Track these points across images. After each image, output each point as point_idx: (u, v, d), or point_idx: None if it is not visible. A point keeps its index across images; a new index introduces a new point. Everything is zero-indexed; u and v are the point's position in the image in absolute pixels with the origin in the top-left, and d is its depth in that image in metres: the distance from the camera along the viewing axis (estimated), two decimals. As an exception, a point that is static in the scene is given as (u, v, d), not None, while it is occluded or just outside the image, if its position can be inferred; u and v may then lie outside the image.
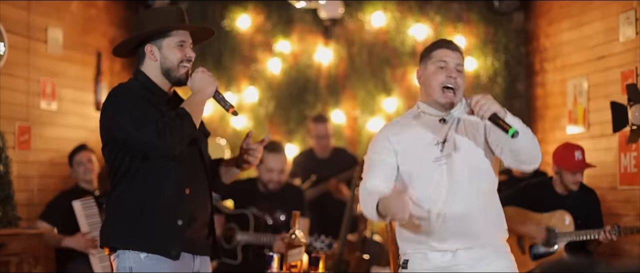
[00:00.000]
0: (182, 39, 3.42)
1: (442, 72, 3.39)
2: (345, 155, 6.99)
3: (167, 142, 3.20)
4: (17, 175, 5.55)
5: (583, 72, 6.20)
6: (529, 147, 3.28)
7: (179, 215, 3.31)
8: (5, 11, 5.58)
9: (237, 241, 5.69)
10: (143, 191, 3.32)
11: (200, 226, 3.41)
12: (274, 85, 7.54)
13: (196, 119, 3.30)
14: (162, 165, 3.31)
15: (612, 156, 5.72)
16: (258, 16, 7.53)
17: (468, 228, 3.35)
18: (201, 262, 3.43)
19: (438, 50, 3.42)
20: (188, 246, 3.34)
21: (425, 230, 3.37)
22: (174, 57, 3.39)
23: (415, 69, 7.34)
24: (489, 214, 3.40)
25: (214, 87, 3.37)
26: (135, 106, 3.28)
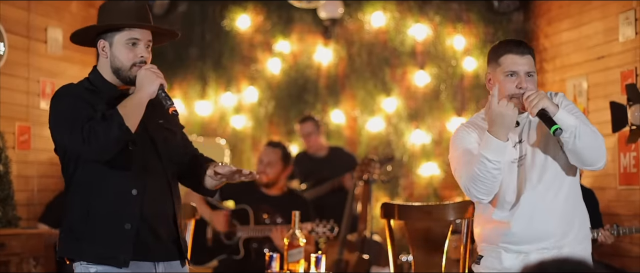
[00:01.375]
0: (135, 37, 3.19)
1: (512, 81, 3.27)
2: (342, 154, 7.00)
3: (92, 147, 3.02)
4: (16, 175, 5.56)
5: (582, 72, 6.20)
6: (588, 147, 3.16)
7: (126, 219, 3.12)
8: (5, 11, 5.59)
9: (238, 236, 5.70)
10: (87, 195, 3.16)
11: (158, 229, 3.19)
12: (274, 85, 7.54)
13: (132, 119, 3.06)
14: (105, 167, 3.12)
15: (611, 156, 5.72)
16: (258, 16, 7.53)
17: (543, 230, 3.29)
18: (165, 267, 3.22)
19: (506, 55, 3.29)
20: (144, 252, 3.15)
21: (500, 230, 3.33)
22: (123, 56, 3.19)
23: (414, 68, 7.46)
24: (566, 215, 3.32)
25: (156, 85, 3.11)
26: (67, 109, 3.11)
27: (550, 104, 3.14)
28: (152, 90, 3.11)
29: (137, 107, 3.09)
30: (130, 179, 3.15)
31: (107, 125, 3.03)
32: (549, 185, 3.30)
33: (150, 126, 3.22)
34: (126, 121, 3.04)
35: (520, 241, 3.32)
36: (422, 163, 7.43)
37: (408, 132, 7.46)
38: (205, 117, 7.55)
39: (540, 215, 3.29)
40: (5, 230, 5.21)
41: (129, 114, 3.06)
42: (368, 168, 6.48)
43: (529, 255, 3.31)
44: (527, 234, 3.31)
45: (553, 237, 3.30)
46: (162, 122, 3.27)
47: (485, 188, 3.24)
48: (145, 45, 3.21)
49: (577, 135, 3.14)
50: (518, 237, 3.31)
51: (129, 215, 3.14)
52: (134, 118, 3.07)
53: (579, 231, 3.36)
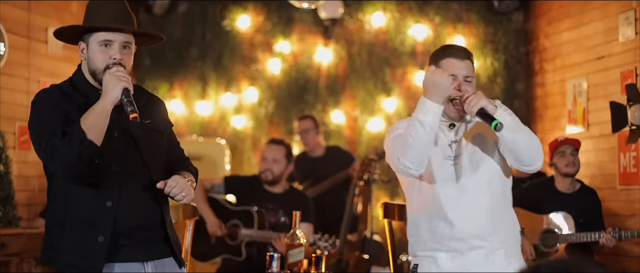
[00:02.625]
0: (107, 38, 3.09)
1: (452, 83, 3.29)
2: (340, 152, 7.00)
3: (56, 165, 2.99)
4: (17, 175, 5.56)
5: (582, 72, 6.20)
6: (526, 146, 3.22)
7: (99, 232, 3.06)
8: (6, 11, 5.59)
9: (241, 238, 5.70)
10: (63, 206, 3.12)
11: (138, 235, 3.14)
12: (274, 85, 7.54)
13: (95, 130, 2.95)
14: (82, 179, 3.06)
15: (611, 156, 5.72)
16: (258, 16, 7.54)
17: (477, 230, 3.32)
18: (156, 266, 3.20)
19: (446, 59, 3.33)
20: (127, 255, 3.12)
21: (434, 229, 3.35)
22: (96, 58, 3.09)
23: (415, 69, 7.47)
24: (499, 215, 3.36)
25: (118, 89, 2.99)
26: (38, 120, 3.07)
27: (488, 104, 3.18)
28: (114, 95, 2.99)
29: (99, 116, 2.99)
30: (104, 190, 3.09)
31: (68, 142, 2.95)
32: (482, 186, 3.33)
33: (135, 128, 3.16)
34: (89, 134, 2.95)
35: (452, 239, 3.32)
36: (422, 163, 7.42)
37: (408, 132, 7.45)
38: (206, 117, 7.55)
39: (471, 215, 3.31)
40: (5, 230, 5.21)
41: (92, 126, 2.96)
42: (368, 168, 6.48)
43: (464, 254, 3.32)
44: (459, 233, 3.32)
45: (487, 235, 3.32)
46: (148, 123, 3.20)
47: (416, 154, 3.23)
48: (120, 46, 3.11)
49: (513, 136, 3.18)
50: (450, 235, 3.32)
51: (103, 227, 3.08)
52: (97, 129, 2.97)
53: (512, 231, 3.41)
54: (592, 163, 5.98)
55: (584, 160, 5.97)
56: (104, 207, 3.09)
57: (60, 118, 3.03)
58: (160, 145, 3.26)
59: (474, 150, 3.35)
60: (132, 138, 3.16)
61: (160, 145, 3.26)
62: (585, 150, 6.09)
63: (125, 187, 3.12)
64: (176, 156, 3.36)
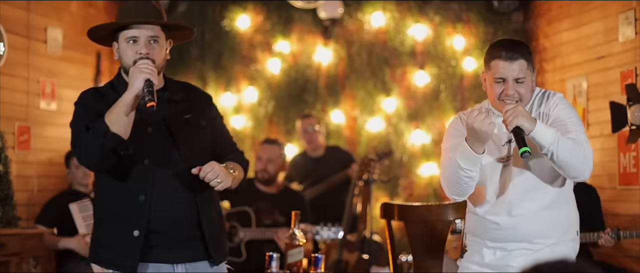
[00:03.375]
0: (133, 35, 3.15)
1: (500, 86, 3.25)
2: (340, 152, 7.00)
3: (85, 161, 3.06)
4: (16, 175, 5.55)
5: (582, 72, 6.20)
6: (568, 162, 3.11)
7: (134, 226, 3.11)
8: (5, 11, 5.58)
9: (240, 238, 5.69)
10: (103, 201, 3.20)
11: (172, 231, 3.16)
12: (274, 85, 7.54)
13: (118, 123, 3.00)
14: (116, 173, 3.12)
15: (611, 156, 5.72)
16: (257, 16, 7.53)
17: (522, 231, 3.28)
18: (187, 268, 3.20)
19: (495, 60, 3.25)
20: (159, 255, 3.14)
21: (482, 225, 3.34)
22: (126, 55, 3.17)
23: (414, 69, 7.48)
24: (548, 219, 3.30)
25: (139, 81, 3.01)
26: (76, 119, 3.15)
27: (526, 121, 3.09)
28: (135, 87, 3.03)
29: (122, 108, 3.02)
30: (138, 185, 3.13)
31: (92, 136, 3.01)
32: (533, 187, 3.29)
33: (172, 123, 3.19)
34: (112, 127, 2.99)
35: (500, 239, 3.31)
36: (422, 163, 7.44)
37: (408, 132, 7.46)
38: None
39: (521, 215, 3.28)
40: (5, 230, 5.21)
41: (115, 119, 3.01)
42: (368, 168, 6.48)
43: (510, 253, 3.31)
44: (507, 233, 3.30)
45: (533, 238, 3.29)
46: (188, 117, 3.22)
47: (457, 191, 3.26)
48: (147, 41, 3.15)
49: (554, 152, 3.10)
50: (497, 235, 3.31)
51: (137, 222, 3.12)
52: (120, 122, 3.01)
53: (563, 235, 3.35)
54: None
55: (584, 160, 5.98)
56: (137, 202, 3.12)
57: (91, 117, 3.10)
58: (200, 139, 3.25)
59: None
60: (170, 133, 3.18)
61: (200, 139, 3.25)
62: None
63: (159, 181, 3.14)
64: (223, 148, 3.34)
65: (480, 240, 3.37)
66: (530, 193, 3.29)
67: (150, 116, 3.12)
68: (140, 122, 3.10)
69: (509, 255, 3.31)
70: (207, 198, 3.24)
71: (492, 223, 3.32)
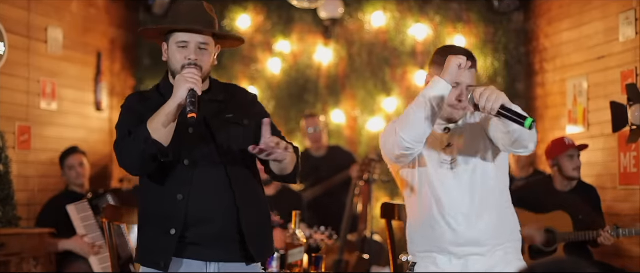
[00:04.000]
0: (183, 39, 3.15)
1: (453, 92, 3.24)
2: (341, 152, 7.00)
3: (125, 165, 3.09)
4: (17, 175, 5.55)
5: (583, 72, 6.20)
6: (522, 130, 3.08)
7: (171, 224, 3.13)
8: (6, 11, 5.58)
9: None
10: (144, 201, 3.24)
11: (211, 229, 3.14)
12: (274, 85, 7.54)
13: (160, 130, 3.02)
14: (157, 175, 3.15)
15: (611, 156, 5.72)
16: (258, 16, 7.53)
17: (478, 235, 3.29)
18: (220, 268, 3.18)
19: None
20: (193, 252, 3.15)
21: (434, 233, 3.32)
22: (174, 58, 3.17)
23: (415, 69, 7.47)
24: (499, 218, 3.33)
25: (184, 90, 3.02)
26: (121, 123, 3.17)
27: (506, 98, 3.04)
28: (179, 96, 3.03)
29: (165, 116, 3.03)
30: (175, 185, 3.14)
31: (133, 141, 3.04)
32: (481, 190, 3.29)
33: (213, 123, 3.19)
34: (153, 134, 3.01)
35: (451, 242, 3.29)
36: (422, 163, 7.43)
37: (408, 132, 7.46)
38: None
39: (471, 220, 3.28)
40: (5, 230, 5.21)
41: (157, 126, 3.03)
42: (368, 168, 6.48)
43: (466, 259, 3.29)
44: (458, 236, 3.28)
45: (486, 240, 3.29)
46: (230, 117, 3.22)
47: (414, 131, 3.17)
48: (196, 47, 3.15)
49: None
50: (448, 237, 3.29)
51: (175, 220, 3.13)
52: (162, 129, 3.03)
53: (511, 235, 3.36)
54: (592, 163, 5.98)
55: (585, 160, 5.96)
56: (175, 201, 3.14)
57: (135, 121, 3.11)
58: (241, 139, 3.23)
59: (469, 155, 3.31)
60: (210, 133, 3.18)
61: (241, 139, 3.23)
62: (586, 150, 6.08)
63: (198, 181, 3.15)
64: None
65: (429, 252, 3.34)
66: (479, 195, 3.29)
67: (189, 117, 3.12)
68: (181, 123, 3.10)
69: (466, 263, 3.29)
70: (248, 197, 3.22)
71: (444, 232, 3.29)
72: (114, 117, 7.09)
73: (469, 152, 3.31)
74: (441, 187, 3.31)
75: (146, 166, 3.07)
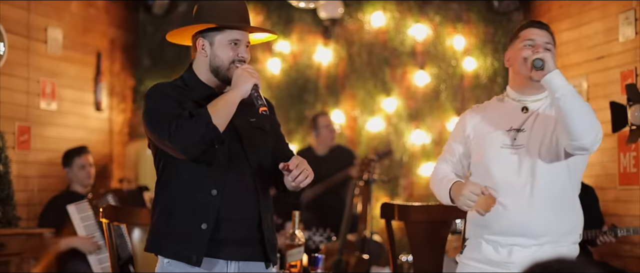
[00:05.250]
0: (236, 37, 3.21)
1: (528, 49, 3.25)
2: (343, 151, 7.00)
3: (178, 143, 3.07)
4: (16, 175, 5.55)
5: (582, 72, 6.20)
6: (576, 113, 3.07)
7: (203, 219, 3.14)
8: (5, 11, 5.58)
9: None
10: (171, 192, 3.21)
11: (236, 229, 3.18)
12: (274, 85, 7.54)
13: (221, 117, 3.09)
14: (189, 165, 3.16)
15: (611, 156, 5.72)
16: (258, 16, 7.53)
17: (528, 226, 3.21)
18: (240, 267, 3.21)
19: (525, 30, 3.30)
20: (217, 250, 3.16)
21: (484, 218, 3.27)
22: (225, 55, 3.20)
23: (414, 69, 7.47)
24: (555, 214, 3.23)
25: (250, 84, 3.13)
26: (157, 106, 3.16)
27: (552, 62, 3.13)
28: (245, 89, 3.12)
29: (228, 105, 3.11)
30: (211, 179, 3.16)
31: (195, 122, 3.07)
32: (542, 182, 3.21)
33: (239, 124, 3.22)
34: (214, 119, 3.07)
35: (503, 228, 3.24)
36: (422, 163, 7.44)
37: (408, 132, 7.47)
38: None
39: (524, 209, 3.21)
40: (5, 230, 5.21)
41: (219, 113, 3.09)
42: (368, 168, 6.48)
43: (510, 249, 3.24)
44: (512, 221, 3.22)
45: (537, 233, 3.22)
46: (253, 121, 3.27)
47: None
48: (245, 45, 3.23)
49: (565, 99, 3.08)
50: (502, 222, 3.24)
51: (207, 215, 3.15)
52: (223, 116, 3.10)
53: (566, 236, 3.28)
54: (592, 163, 5.96)
55: (584, 160, 5.97)
56: (209, 195, 3.16)
57: (176, 104, 3.14)
58: (263, 142, 3.28)
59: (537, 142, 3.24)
60: (237, 134, 3.22)
61: (263, 142, 3.28)
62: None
63: (230, 179, 3.18)
64: (284, 154, 3.35)
65: (480, 230, 3.30)
66: (538, 188, 3.21)
67: None
68: None
69: (510, 252, 3.25)
70: (267, 201, 3.28)
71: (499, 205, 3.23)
72: (113, 117, 7.09)
73: (537, 140, 3.23)
74: (498, 168, 3.26)
75: (199, 149, 3.10)
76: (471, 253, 3.34)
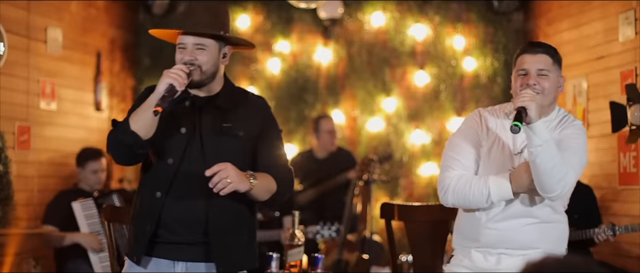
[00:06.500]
0: (181, 40, 3.23)
1: (521, 79, 3.22)
2: (343, 153, 7.00)
3: (108, 150, 3.22)
4: (16, 175, 5.55)
5: (582, 72, 6.20)
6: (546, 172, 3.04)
7: (148, 221, 3.21)
8: (5, 11, 5.58)
9: None
10: (135, 198, 3.35)
11: (179, 230, 3.20)
12: (274, 85, 7.54)
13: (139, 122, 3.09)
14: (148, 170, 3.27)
15: (611, 156, 5.72)
16: (257, 16, 7.53)
17: (520, 237, 3.23)
18: (188, 267, 3.23)
19: (520, 57, 3.26)
20: (160, 251, 3.22)
21: (478, 226, 3.27)
22: (176, 59, 3.26)
23: (414, 68, 7.46)
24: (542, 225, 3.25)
25: (163, 85, 3.10)
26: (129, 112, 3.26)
27: (534, 110, 3.03)
28: (159, 91, 3.11)
29: (145, 109, 3.11)
30: (157, 182, 3.22)
31: (116, 129, 3.14)
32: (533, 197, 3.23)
33: (206, 128, 3.22)
34: (132, 125, 3.08)
35: (491, 243, 3.25)
36: (422, 163, 7.44)
37: (408, 132, 7.47)
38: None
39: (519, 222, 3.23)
40: (5, 230, 5.21)
41: (137, 118, 3.11)
42: (368, 168, 6.48)
43: (499, 257, 3.25)
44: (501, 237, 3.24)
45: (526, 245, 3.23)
46: (227, 126, 3.24)
47: (463, 206, 3.27)
48: (193, 48, 3.21)
49: (539, 154, 3.03)
50: (490, 237, 3.25)
51: (151, 217, 3.21)
52: (140, 121, 3.09)
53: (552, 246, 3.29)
54: (592, 163, 5.98)
55: (584, 160, 5.96)
56: (154, 198, 3.21)
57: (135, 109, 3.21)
58: (233, 149, 3.23)
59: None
60: (200, 137, 3.23)
61: (233, 149, 3.23)
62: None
63: (177, 181, 3.20)
64: (263, 163, 3.30)
65: (469, 242, 3.31)
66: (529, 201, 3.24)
67: (188, 117, 3.22)
68: (176, 121, 3.20)
69: (498, 260, 3.25)
70: (223, 207, 3.22)
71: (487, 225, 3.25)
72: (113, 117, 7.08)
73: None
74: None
75: (122, 155, 3.17)
76: (460, 261, 3.34)
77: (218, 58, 3.25)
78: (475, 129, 3.33)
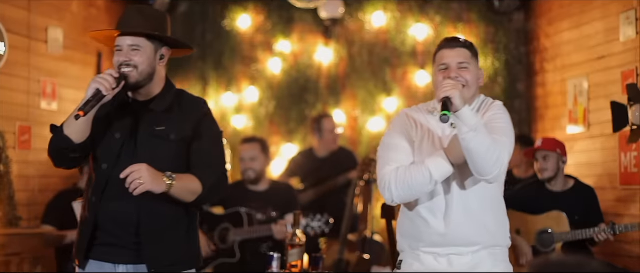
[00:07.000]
0: (117, 44, 3.30)
1: (443, 74, 3.25)
2: (344, 153, 6.99)
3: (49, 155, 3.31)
4: (17, 175, 5.56)
5: (583, 72, 6.20)
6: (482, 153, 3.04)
7: (87, 225, 3.30)
8: (6, 11, 5.58)
9: (232, 240, 5.70)
10: None
11: (113, 233, 3.27)
12: (275, 85, 7.54)
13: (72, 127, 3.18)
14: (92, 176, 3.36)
15: (612, 156, 5.72)
16: (258, 16, 7.54)
17: (461, 233, 3.22)
18: (128, 269, 3.28)
19: (439, 52, 3.31)
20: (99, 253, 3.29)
21: (418, 229, 3.26)
22: (113, 62, 3.31)
23: (415, 68, 7.46)
24: (487, 218, 3.26)
25: (90, 90, 3.15)
26: None
27: (458, 98, 3.04)
28: (87, 95, 3.16)
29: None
30: (94, 186, 3.30)
31: (53, 134, 3.24)
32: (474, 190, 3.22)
33: (141, 133, 3.27)
34: (66, 130, 3.18)
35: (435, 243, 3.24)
36: (422, 163, 7.42)
37: (409, 132, 7.46)
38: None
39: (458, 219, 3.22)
40: (5, 230, 5.21)
41: (69, 123, 3.20)
42: (369, 168, 6.48)
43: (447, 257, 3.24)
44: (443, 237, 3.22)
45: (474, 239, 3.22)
46: (160, 129, 3.28)
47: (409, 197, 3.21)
48: (128, 50, 3.26)
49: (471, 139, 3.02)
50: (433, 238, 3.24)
51: (89, 220, 3.29)
52: (72, 126, 3.18)
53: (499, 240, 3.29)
54: (593, 163, 5.98)
55: (585, 160, 5.97)
56: (91, 202, 3.29)
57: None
58: (165, 152, 3.27)
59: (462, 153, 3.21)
60: (134, 143, 3.27)
61: (165, 152, 3.27)
62: (586, 150, 6.08)
63: (110, 185, 3.26)
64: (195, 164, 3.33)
65: (415, 245, 3.28)
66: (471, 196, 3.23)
67: (123, 122, 3.27)
68: (111, 126, 3.27)
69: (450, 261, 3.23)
70: (154, 208, 3.26)
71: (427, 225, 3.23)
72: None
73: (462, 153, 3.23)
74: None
75: (58, 159, 3.27)
76: (410, 266, 3.31)
77: (154, 59, 3.30)
78: (404, 126, 3.34)
